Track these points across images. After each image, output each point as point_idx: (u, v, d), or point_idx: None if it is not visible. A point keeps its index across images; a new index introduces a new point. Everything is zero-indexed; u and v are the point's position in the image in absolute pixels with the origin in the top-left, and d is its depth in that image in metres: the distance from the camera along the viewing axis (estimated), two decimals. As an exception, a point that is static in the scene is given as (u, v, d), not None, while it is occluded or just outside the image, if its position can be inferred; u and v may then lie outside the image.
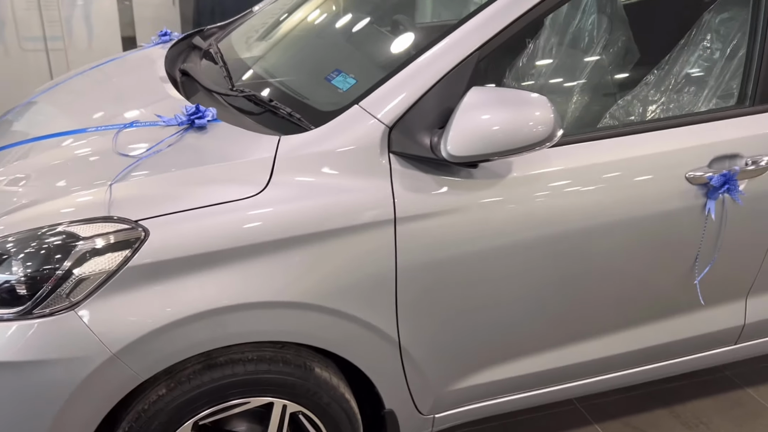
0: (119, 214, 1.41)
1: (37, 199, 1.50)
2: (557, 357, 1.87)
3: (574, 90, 1.98)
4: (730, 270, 1.95)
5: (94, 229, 1.40)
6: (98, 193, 1.46)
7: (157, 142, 1.59)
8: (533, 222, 1.64)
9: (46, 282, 1.37)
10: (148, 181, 1.49)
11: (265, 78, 1.90)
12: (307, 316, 1.53)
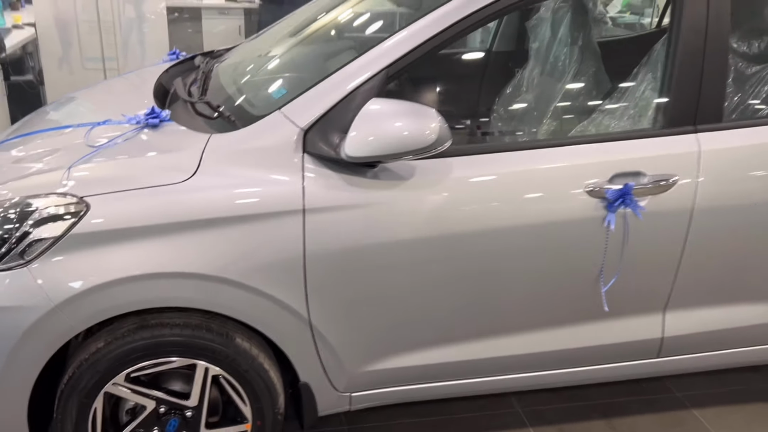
0: (69, 191, 1.72)
1: (16, 176, 1.83)
2: (464, 351, 2.03)
3: (486, 107, 2.18)
4: (641, 283, 2.06)
5: (48, 201, 1.71)
6: (60, 174, 1.77)
7: (117, 134, 1.91)
8: (431, 222, 1.84)
9: (6, 243, 1.68)
10: (99, 166, 1.80)
11: (228, 92, 2.19)
12: (224, 290, 1.78)
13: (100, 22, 4.65)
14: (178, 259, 1.73)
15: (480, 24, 1.87)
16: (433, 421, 2.44)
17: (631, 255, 2.00)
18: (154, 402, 1.89)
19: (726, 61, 2.03)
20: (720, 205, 2.00)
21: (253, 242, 1.76)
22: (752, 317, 2.20)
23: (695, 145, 1.98)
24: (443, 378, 2.10)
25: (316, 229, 1.78)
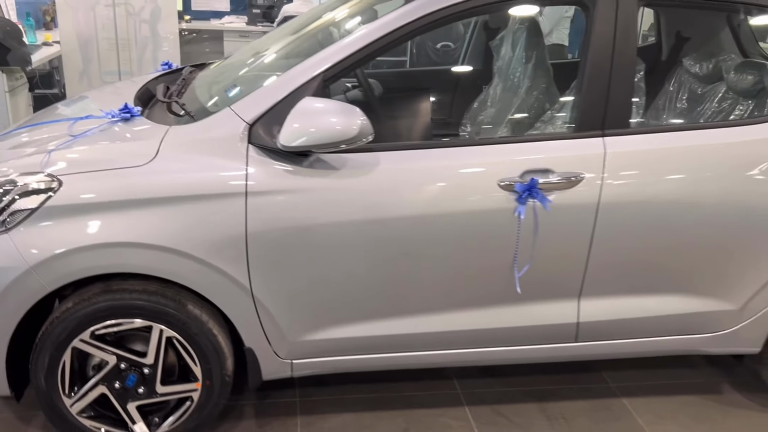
0: (47, 170, 2.03)
1: (8, 159, 2.15)
2: (391, 327, 2.27)
3: (417, 107, 2.44)
4: (555, 271, 2.29)
5: (29, 179, 2.03)
6: (41, 157, 2.09)
7: (94, 126, 2.22)
8: (359, 207, 2.10)
9: (-12, 217, 2.00)
10: (73, 151, 2.11)
11: (197, 94, 2.49)
12: (176, 260, 2.06)
13: (118, 40, 5.05)
14: (136, 231, 2.02)
15: (398, 42, 2.16)
16: (379, 397, 2.67)
17: (544, 245, 2.23)
18: (116, 358, 2.17)
19: (632, 75, 2.27)
20: (623, 201, 2.22)
21: (202, 219, 2.05)
22: (660, 308, 2.40)
23: (601, 148, 2.22)
24: (375, 351, 2.34)
25: (256, 210, 2.06)
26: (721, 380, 2.89)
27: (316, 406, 2.62)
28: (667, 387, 2.82)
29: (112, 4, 4.96)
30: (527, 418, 2.61)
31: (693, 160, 2.28)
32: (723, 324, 2.47)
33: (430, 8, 2.13)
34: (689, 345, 2.50)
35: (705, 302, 2.42)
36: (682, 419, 2.64)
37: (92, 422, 2.24)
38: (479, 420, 2.58)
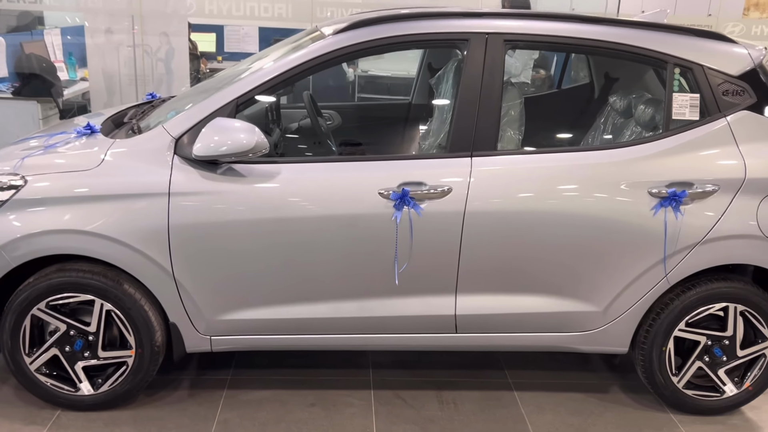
0: (18, 171, 2.59)
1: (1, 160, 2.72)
2: (293, 311, 2.71)
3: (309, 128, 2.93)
4: (432, 268, 2.69)
5: (3, 178, 2.58)
6: (15, 162, 2.65)
7: (62, 140, 2.79)
8: (261, 208, 2.58)
9: (-27, 204, 2.56)
10: (40, 157, 2.67)
11: (153, 117, 3.03)
12: (114, 246, 2.57)
13: (137, 77, 5.72)
14: (81, 220, 2.55)
15: (292, 80, 2.67)
16: (297, 379, 3.09)
17: (420, 246, 2.65)
18: (66, 326, 2.68)
19: (498, 107, 2.69)
20: (486, 211, 2.62)
21: (134, 213, 2.56)
22: (532, 306, 2.77)
23: (468, 166, 2.64)
24: (280, 332, 2.78)
25: (177, 207, 2.56)
26: (613, 383, 3.20)
27: (243, 383, 3.06)
28: (559, 385, 3.15)
29: (133, 46, 5.65)
30: (422, 401, 2.98)
31: (555, 178, 2.67)
32: (589, 324, 2.81)
33: (314, 54, 2.64)
34: (561, 342, 2.85)
35: (571, 303, 2.78)
36: (561, 411, 2.96)
37: (47, 378, 2.74)
38: (379, 401, 2.97)
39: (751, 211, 2.69)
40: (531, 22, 2.79)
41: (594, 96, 3.89)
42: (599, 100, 3.76)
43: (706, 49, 2.77)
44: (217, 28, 8.89)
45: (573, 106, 4.00)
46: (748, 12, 9.50)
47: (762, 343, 2.85)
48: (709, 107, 2.73)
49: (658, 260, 2.70)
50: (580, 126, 3.69)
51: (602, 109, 3.53)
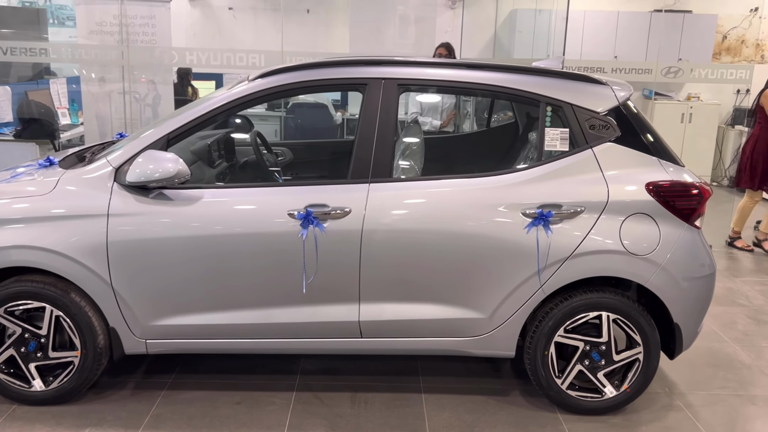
0: (-17, 197, 3.08)
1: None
2: (217, 318, 3.12)
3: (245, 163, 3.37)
4: (337, 280, 3.09)
5: (-29, 202, 3.08)
6: (-16, 189, 3.15)
7: (26, 171, 3.28)
8: (184, 227, 3.02)
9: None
10: (6, 185, 3.16)
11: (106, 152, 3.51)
12: (61, 260, 3.02)
13: (126, 120, 6.29)
14: (34, 238, 3.01)
15: (218, 117, 3.15)
16: (230, 383, 3.48)
17: (325, 260, 3.06)
18: (21, 329, 3.12)
19: (392, 140, 3.13)
20: (381, 229, 3.03)
21: (79, 231, 3.02)
22: (426, 313, 3.14)
23: (366, 190, 3.07)
24: (207, 336, 3.19)
25: (114, 226, 3.02)
26: (515, 388, 3.54)
27: (181, 385, 3.46)
28: (465, 389, 3.50)
29: (123, 92, 6.24)
30: (337, 401, 3.35)
31: (443, 201, 3.08)
32: (478, 329, 3.18)
33: (233, 97, 3.12)
34: (454, 346, 3.22)
35: (460, 311, 3.15)
36: (459, 410, 3.31)
37: (4, 376, 3.17)
38: (299, 400, 3.34)
39: (615, 230, 3.07)
40: (422, 69, 3.25)
41: (518, 133, 4.32)
42: (522, 136, 4.19)
43: (575, 89, 3.20)
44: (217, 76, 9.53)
45: (499, 141, 4.43)
46: (719, 56, 9.92)
47: (635, 348, 3.19)
48: (577, 140, 3.14)
49: (534, 272, 3.08)
50: (501, 158, 4.12)
51: (524, 144, 3.95)
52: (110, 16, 6.12)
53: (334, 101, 9.64)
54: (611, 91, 3.22)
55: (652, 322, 3.17)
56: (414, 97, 5.92)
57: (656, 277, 3.09)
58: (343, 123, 9.20)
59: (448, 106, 5.23)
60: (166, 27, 6.27)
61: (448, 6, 9.83)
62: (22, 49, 6.03)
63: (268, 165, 4.05)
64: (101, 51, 6.12)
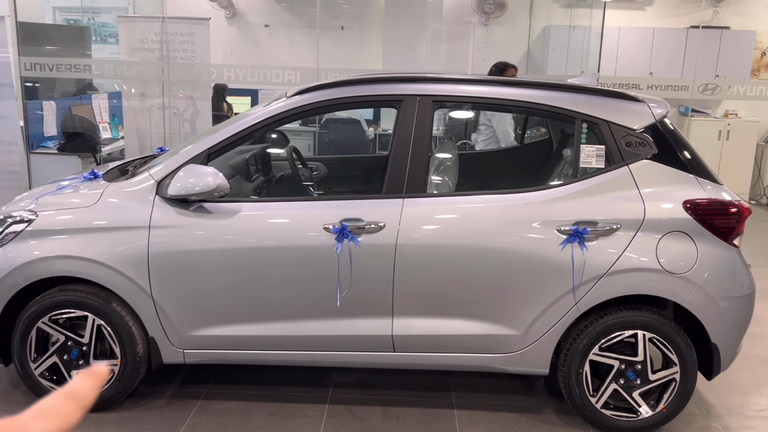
0: (30, 209, 3.19)
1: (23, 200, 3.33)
2: (253, 329, 3.17)
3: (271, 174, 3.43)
4: (371, 294, 3.13)
5: (21, 213, 3.18)
6: (30, 201, 3.26)
7: (72, 184, 3.39)
8: (223, 240, 3.08)
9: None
10: (51, 197, 3.26)
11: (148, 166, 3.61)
12: (104, 270, 3.11)
13: (165, 135, 6.43)
14: (79, 248, 3.11)
15: (255, 133, 3.22)
16: (264, 394, 3.53)
17: (360, 274, 3.09)
18: (64, 338, 3.21)
19: (426, 156, 3.16)
20: (415, 244, 3.06)
21: (122, 243, 3.10)
22: (459, 329, 3.15)
23: (400, 206, 3.10)
24: (243, 347, 3.24)
25: (155, 238, 3.10)
26: (548, 406, 3.52)
27: (216, 395, 3.51)
28: (498, 406, 3.49)
29: (162, 108, 6.39)
30: (369, 415, 3.37)
31: (476, 216, 3.10)
32: (511, 346, 3.18)
33: (271, 113, 3.18)
34: (487, 362, 3.22)
35: (494, 327, 3.15)
36: (492, 427, 3.30)
37: (48, 383, 3.26)
38: (331, 413, 3.37)
39: (651, 248, 3.05)
40: (457, 85, 3.28)
41: (552, 149, 4.32)
42: (556, 153, 4.19)
43: (611, 106, 3.20)
44: (252, 92, 9.70)
45: (533, 157, 4.44)
46: (758, 73, 9.78)
47: (671, 368, 3.16)
48: (613, 157, 3.14)
49: (569, 290, 3.07)
50: (535, 174, 4.12)
51: (558, 160, 3.95)
52: (151, 33, 6.29)
53: (366, 117, 9.73)
54: (648, 108, 3.21)
55: (689, 342, 3.14)
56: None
57: (694, 296, 3.05)
58: (376, 138, 9.27)
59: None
60: (205, 44, 6.41)
61: (482, 23, 9.87)
62: (67, 66, 6.22)
63: (304, 179, 4.12)
64: (142, 67, 6.27)
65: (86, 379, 0.51)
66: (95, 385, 0.51)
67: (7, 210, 3.27)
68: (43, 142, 6.68)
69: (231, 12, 9.85)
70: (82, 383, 0.50)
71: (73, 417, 0.49)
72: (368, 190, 4.42)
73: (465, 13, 9.48)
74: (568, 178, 3.54)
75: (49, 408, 0.48)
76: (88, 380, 0.51)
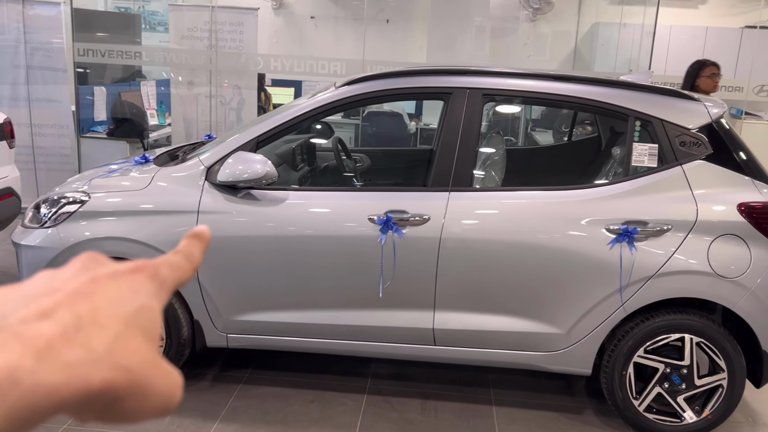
0: (83, 190, 3.26)
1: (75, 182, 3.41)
2: (295, 316, 3.20)
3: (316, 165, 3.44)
4: (413, 286, 3.12)
5: (74, 194, 3.26)
6: (83, 182, 3.33)
7: (124, 167, 3.46)
8: (269, 226, 3.12)
9: (49, 213, 3.24)
10: (103, 179, 3.34)
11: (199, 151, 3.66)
12: (154, 252, 3.17)
13: (211, 123, 6.52)
14: (129, 230, 3.17)
15: (304, 122, 3.24)
16: (304, 381, 3.56)
17: (403, 266, 3.10)
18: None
19: (474, 150, 3.14)
20: (459, 238, 3.05)
21: (170, 226, 3.16)
22: (502, 325, 3.13)
23: (446, 199, 3.09)
24: (285, 334, 3.27)
25: (203, 223, 3.14)
26: (588, 406, 3.48)
27: (256, 380, 3.56)
28: (537, 404, 3.46)
29: (209, 96, 6.47)
30: (407, 407, 3.38)
31: (523, 213, 3.07)
32: (554, 345, 3.14)
33: (320, 103, 3.19)
34: (529, 360, 3.19)
35: (537, 324, 3.12)
36: (530, 425, 3.28)
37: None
38: (369, 403, 3.38)
39: (703, 250, 2.98)
40: (508, 79, 3.25)
41: (601, 147, 4.25)
42: (605, 151, 4.13)
43: (666, 105, 3.13)
44: (296, 83, 9.76)
45: (580, 155, 4.37)
46: (815, 75, 9.44)
47: (718, 374, 3.08)
48: (666, 156, 3.08)
49: (615, 290, 3.02)
50: (582, 172, 4.06)
51: (607, 158, 3.89)
52: (201, 22, 6.36)
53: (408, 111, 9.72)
54: (704, 107, 3.13)
55: (738, 348, 3.06)
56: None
57: (745, 302, 2.98)
58: (417, 132, 9.25)
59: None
60: (252, 34, 6.47)
61: (529, 18, 9.75)
62: (119, 52, 6.34)
63: (348, 170, 4.13)
64: (191, 55, 6.36)
65: (193, 240, 0.53)
66: (203, 245, 0.53)
67: (61, 191, 3.35)
68: (93, 127, 6.83)
69: (278, 3, 9.92)
70: (191, 244, 0.52)
71: (187, 274, 0.51)
72: (412, 182, 4.42)
73: (512, 9, 9.39)
74: (618, 177, 3.49)
75: (169, 261, 0.50)
76: (196, 241, 0.53)
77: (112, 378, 0.39)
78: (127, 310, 0.42)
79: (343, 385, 3.54)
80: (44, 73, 6.39)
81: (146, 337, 0.43)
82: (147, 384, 0.41)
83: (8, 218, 4.74)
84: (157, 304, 0.46)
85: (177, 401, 0.44)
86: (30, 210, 3.39)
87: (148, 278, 0.46)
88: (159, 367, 0.42)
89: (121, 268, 0.45)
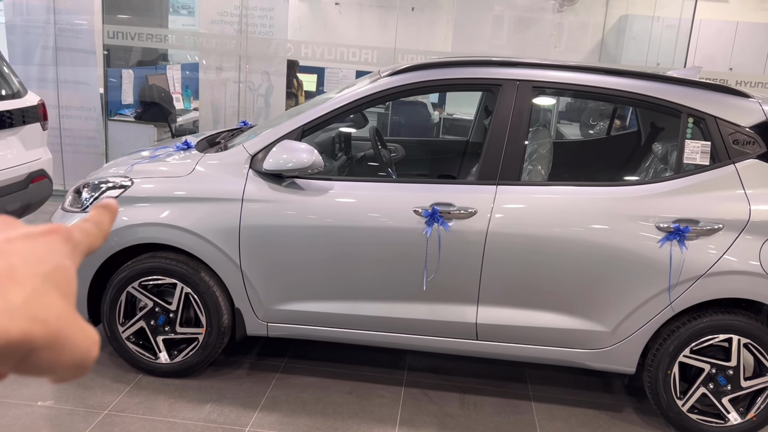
0: (126, 175, 3.24)
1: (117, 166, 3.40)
2: (337, 307, 3.18)
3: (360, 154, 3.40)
4: (457, 279, 3.09)
5: (117, 179, 3.24)
6: (125, 167, 3.31)
7: (164, 153, 3.43)
8: (314, 216, 3.09)
9: (92, 199, 3.22)
10: (145, 164, 3.32)
11: (239, 138, 3.63)
12: (194, 239, 3.15)
13: (239, 108, 6.49)
14: (173, 217, 3.15)
15: (350, 112, 3.21)
16: (342, 372, 3.54)
17: (448, 259, 3.06)
18: (152, 303, 3.27)
19: (523, 143, 3.10)
20: (506, 232, 3.01)
21: (214, 213, 3.14)
22: (546, 321, 3.10)
23: (493, 193, 3.05)
24: (326, 324, 3.25)
25: (247, 211, 3.12)
26: (628, 405, 3.45)
27: (294, 370, 3.55)
28: (577, 401, 3.43)
29: (238, 82, 6.44)
30: (446, 400, 3.36)
31: (571, 208, 3.03)
32: (599, 342, 3.11)
33: (367, 92, 3.15)
34: (572, 357, 3.16)
35: (582, 322, 3.09)
36: (571, 422, 3.25)
37: (134, 346, 3.34)
38: (408, 396, 3.37)
39: (755, 251, 2.93)
40: (558, 72, 3.20)
41: (641, 143, 4.20)
42: (644, 147, 4.07)
43: (719, 101, 3.07)
44: (319, 70, 9.70)
45: (619, 150, 4.32)
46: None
47: (765, 376, 3.04)
48: (719, 154, 3.02)
49: (663, 289, 2.98)
50: (621, 168, 4.01)
51: (646, 154, 3.84)
52: (231, 6, 6.32)
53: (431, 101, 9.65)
54: (758, 105, 3.07)
55: (786, 351, 3.02)
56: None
57: None
58: (440, 122, 9.19)
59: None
60: (283, 20, 6.42)
61: (556, 9, 9.64)
62: (148, 35, 6.31)
63: (384, 161, 4.10)
64: (220, 40, 6.32)
65: (103, 210, 0.56)
66: (111, 215, 0.57)
67: (100, 176, 3.34)
68: (120, 110, 6.81)
69: (303, -12, 9.85)
70: (100, 213, 0.56)
71: (98, 241, 0.54)
72: (449, 173, 4.37)
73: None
74: (662, 174, 3.44)
75: (81, 227, 0.52)
76: (105, 211, 0.56)
77: (30, 329, 0.41)
78: (43, 268, 0.45)
79: (380, 377, 3.52)
80: (73, 55, 6.37)
81: (62, 294, 0.45)
82: (63, 337, 0.43)
83: (40, 200, 4.74)
84: (71, 264, 0.48)
85: (93, 357, 0.46)
86: (70, 194, 3.38)
87: (62, 240, 0.49)
88: (75, 322, 0.45)
89: (35, 230, 0.48)
